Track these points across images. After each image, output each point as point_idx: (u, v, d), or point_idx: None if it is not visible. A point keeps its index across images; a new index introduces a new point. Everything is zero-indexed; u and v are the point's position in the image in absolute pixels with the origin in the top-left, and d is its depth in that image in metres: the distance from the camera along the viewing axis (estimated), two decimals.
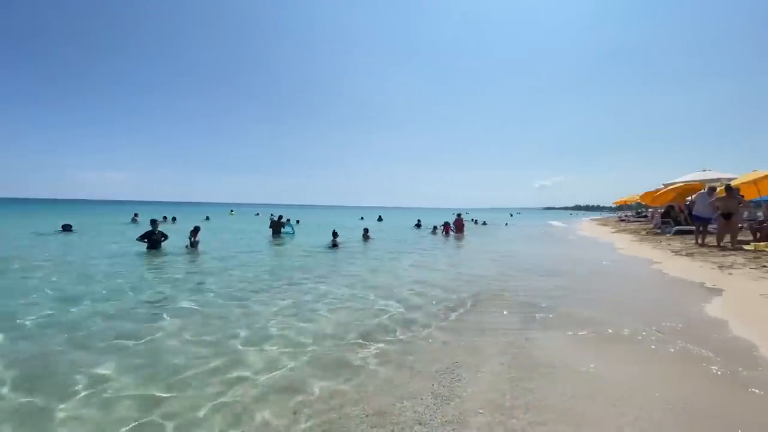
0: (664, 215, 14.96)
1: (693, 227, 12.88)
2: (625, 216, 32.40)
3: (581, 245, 13.94)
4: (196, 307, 4.90)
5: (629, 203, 33.37)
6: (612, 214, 65.25)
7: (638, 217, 28.38)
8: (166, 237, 10.23)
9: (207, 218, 28.26)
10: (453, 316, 4.60)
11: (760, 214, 10.75)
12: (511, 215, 58.21)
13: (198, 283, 6.40)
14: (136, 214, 24.42)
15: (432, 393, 2.65)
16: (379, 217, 35.84)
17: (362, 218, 34.25)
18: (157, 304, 5.07)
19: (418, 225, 23.01)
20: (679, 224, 13.73)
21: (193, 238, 10.56)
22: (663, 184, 15.95)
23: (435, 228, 18.71)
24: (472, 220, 32.13)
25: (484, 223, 30.13)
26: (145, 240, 9.83)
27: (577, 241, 15.54)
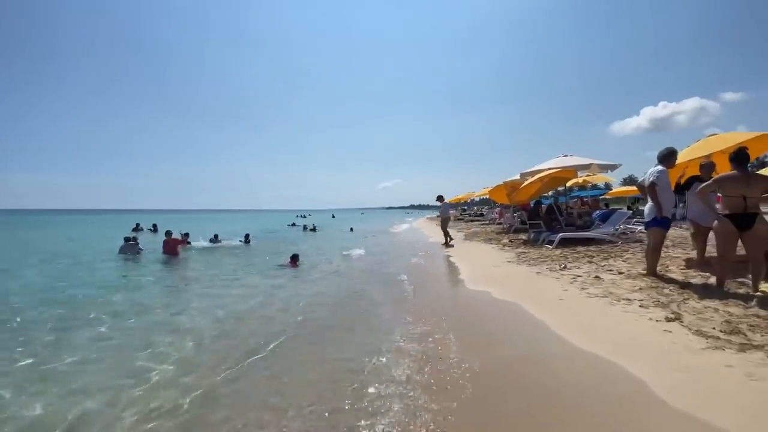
0: (531, 215, 10.80)
1: (585, 233, 8.68)
2: (462, 214, 31.18)
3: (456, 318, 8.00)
4: None
5: (464, 200, 32.44)
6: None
7: (475, 216, 26.63)
8: None
9: None
10: None
11: None
12: (362, 213, 58.94)
13: None
14: None
15: None
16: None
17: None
18: None
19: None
20: (552, 229, 9.47)
21: None
22: (521, 174, 11.98)
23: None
24: (304, 226, 25.81)
25: (314, 229, 23.89)
26: None
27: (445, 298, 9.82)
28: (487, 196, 20.76)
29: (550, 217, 9.94)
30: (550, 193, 16.91)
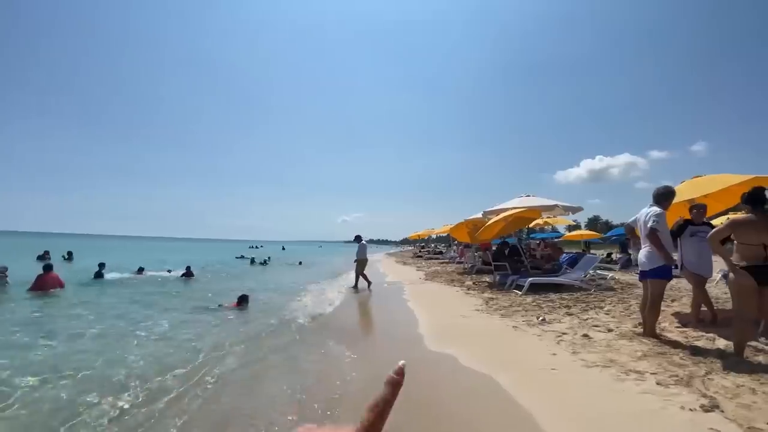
0: (496, 255, 10.10)
1: (555, 278, 7.98)
2: (421, 251, 30.55)
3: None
4: None
5: (423, 237, 31.99)
6: (398, 249, 70.73)
7: (434, 254, 26.01)
8: None
9: None
10: None
11: None
12: (320, 246, 59.35)
13: None
14: None
15: None
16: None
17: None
18: None
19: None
20: (518, 271, 8.78)
21: None
22: (484, 212, 11.45)
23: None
24: (252, 259, 23.82)
25: (265, 263, 22.00)
26: None
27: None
28: (447, 234, 20.26)
29: (514, 259, 9.29)
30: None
